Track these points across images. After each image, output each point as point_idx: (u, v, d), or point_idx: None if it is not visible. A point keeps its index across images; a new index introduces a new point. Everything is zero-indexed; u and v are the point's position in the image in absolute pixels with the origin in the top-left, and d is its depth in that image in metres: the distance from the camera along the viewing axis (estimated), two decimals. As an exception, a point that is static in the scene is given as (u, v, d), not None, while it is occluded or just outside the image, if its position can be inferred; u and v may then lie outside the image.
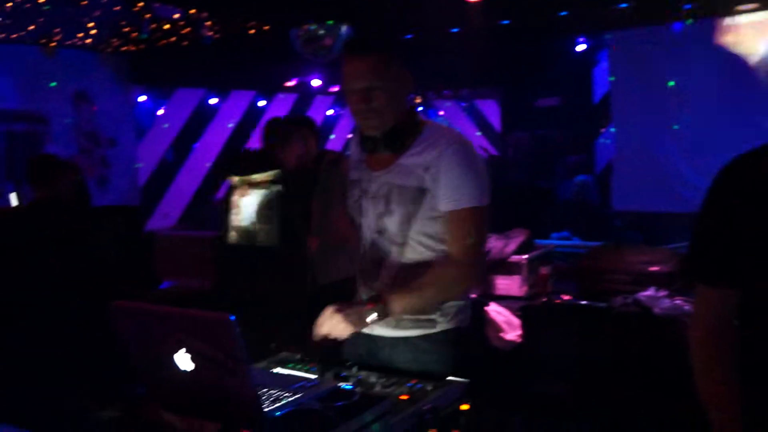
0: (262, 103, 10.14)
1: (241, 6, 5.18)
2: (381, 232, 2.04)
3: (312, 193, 3.48)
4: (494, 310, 3.69)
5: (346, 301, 1.98)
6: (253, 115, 10.05)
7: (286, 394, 1.57)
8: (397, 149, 2.00)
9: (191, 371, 1.46)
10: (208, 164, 9.44)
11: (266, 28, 6.42)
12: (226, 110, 9.73)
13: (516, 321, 3.67)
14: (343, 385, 1.69)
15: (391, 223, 2.00)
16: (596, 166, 8.70)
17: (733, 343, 1.46)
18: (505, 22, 5.57)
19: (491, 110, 10.99)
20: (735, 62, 6.54)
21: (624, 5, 5.17)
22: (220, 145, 9.65)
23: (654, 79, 7.13)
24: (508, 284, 3.90)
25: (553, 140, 9.53)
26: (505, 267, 3.91)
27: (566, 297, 3.80)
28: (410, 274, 2.00)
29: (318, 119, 11.26)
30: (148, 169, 8.73)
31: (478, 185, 1.95)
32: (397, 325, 2.04)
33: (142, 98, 8.61)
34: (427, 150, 1.97)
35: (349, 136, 3.41)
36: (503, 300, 3.84)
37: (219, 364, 1.40)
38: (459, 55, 6.60)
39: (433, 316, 2.02)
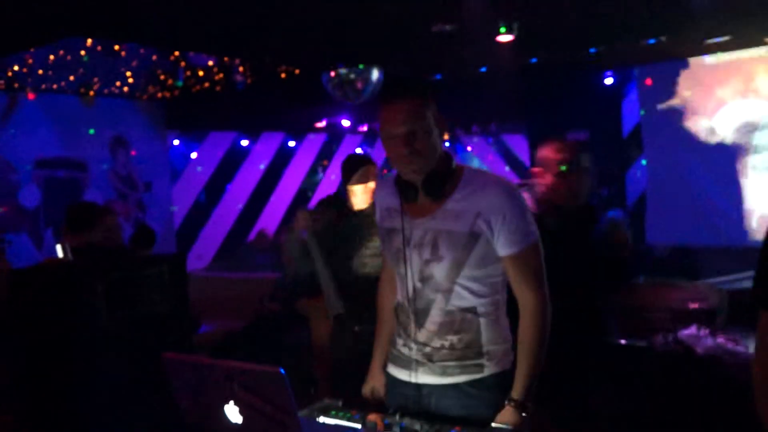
0: (291, 143, 10.32)
1: (274, 51, 5.32)
2: (425, 280, 2.03)
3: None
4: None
5: None
6: (283, 155, 10.22)
7: (334, 445, 1.58)
8: (440, 196, 2.01)
9: (241, 424, 1.48)
10: (240, 205, 9.59)
11: (297, 71, 6.57)
12: (257, 152, 9.91)
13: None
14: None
15: (439, 270, 2.00)
16: (628, 199, 8.64)
17: None
18: (534, 60, 5.63)
19: (520, 145, 11.02)
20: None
21: (652, 41, 5.20)
22: (252, 185, 9.81)
23: (685, 111, 7.12)
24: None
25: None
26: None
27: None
28: (457, 322, 2.01)
29: (347, 158, 11.37)
30: (182, 211, 8.90)
31: (530, 222, 2.01)
32: (444, 372, 2.03)
33: (176, 142, 8.82)
34: (475, 194, 1.98)
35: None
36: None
37: (268, 417, 1.42)
38: (487, 91, 6.67)
39: (480, 361, 2.01)
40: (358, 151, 11.59)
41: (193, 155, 9.09)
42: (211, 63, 6.21)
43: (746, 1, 4.46)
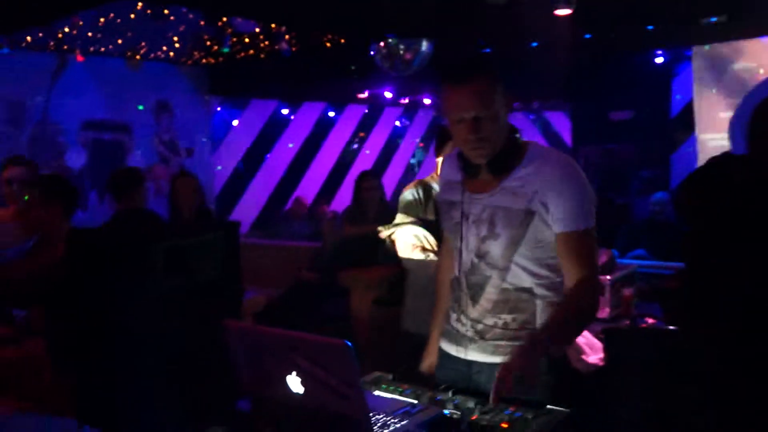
0: (331, 113, 10.30)
1: (323, 20, 5.26)
2: (482, 256, 2.01)
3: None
4: (576, 331, 3.62)
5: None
6: (323, 125, 10.22)
7: (393, 420, 1.58)
8: (501, 173, 1.98)
9: (302, 394, 1.49)
10: (279, 174, 9.64)
11: (342, 41, 6.51)
12: (297, 121, 9.91)
13: (598, 344, 3.59)
14: (446, 412, 1.69)
15: (495, 247, 1.98)
16: (672, 182, 8.47)
17: None
18: (588, 36, 5.49)
19: (561, 123, 10.84)
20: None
21: (713, 19, 5.03)
22: (292, 154, 9.84)
23: (738, 90, 6.94)
24: (590, 305, 3.82)
25: (626, 154, 9.32)
26: (587, 287, 3.82)
27: (651, 320, 3.70)
28: (512, 300, 1.99)
29: (387, 130, 11.34)
30: (222, 177, 8.97)
31: (589, 207, 1.95)
32: (495, 351, 2.02)
33: (218, 109, 8.86)
34: (535, 172, 1.95)
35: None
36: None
37: (332, 389, 1.42)
38: (533, 67, 6.55)
39: (531, 343, 1.99)
40: (398, 123, 11.54)
41: (235, 122, 9.13)
42: (257, 30, 6.19)
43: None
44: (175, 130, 8.17)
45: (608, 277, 3.83)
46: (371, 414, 1.60)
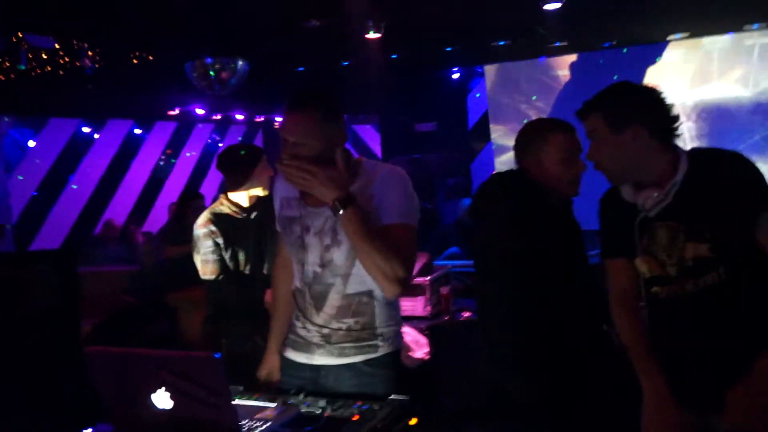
0: (138, 131, 9.93)
1: (137, 39, 5.12)
2: (325, 264, 2.15)
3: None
4: (403, 330, 3.88)
5: None
6: (130, 144, 9.83)
7: (257, 424, 1.68)
8: None
9: (170, 409, 1.54)
10: (86, 196, 9.11)
11: (150, 57, 6.35)
12: (102, 140, 9.43)
13: (423, 340, 3.88)
14: (305, 410, 1.82)
15: (339, 254, 2.12)
16: (473, 188, 9.23)
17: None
18: (394, 56, 5.89)
19: (371, 135, 11.35)
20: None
21: (502, 42, 5.66)
22: (98, 176, 9.34)
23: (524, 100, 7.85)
24: (413, 305, 4.10)
25: (432, 163, 9.99)
26: (410, 289, 4.10)
27: (467, 314, 4.07)
28: (354, 305, 2.15)
29: (199, 146, 11.13)
30: (20, 203, 8.29)
31: (410, 206, 2.13)
32: (341, 353, 2.16)
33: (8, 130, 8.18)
34: (369, 182, 2.12)
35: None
36: (409, 320, 4.03)
37: (200, 401, 1.50)
38: (344, 84, 6.86)
39: (375, 342, 2.17)
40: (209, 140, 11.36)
41: (31, 143, 8.48)
42: (57, 45, 5.85)
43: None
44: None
45: (427, 278, 4.15)
46: (237, 421, 1.69)
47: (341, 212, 2.00)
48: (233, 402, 1.94)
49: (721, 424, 1.89)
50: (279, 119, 11.18)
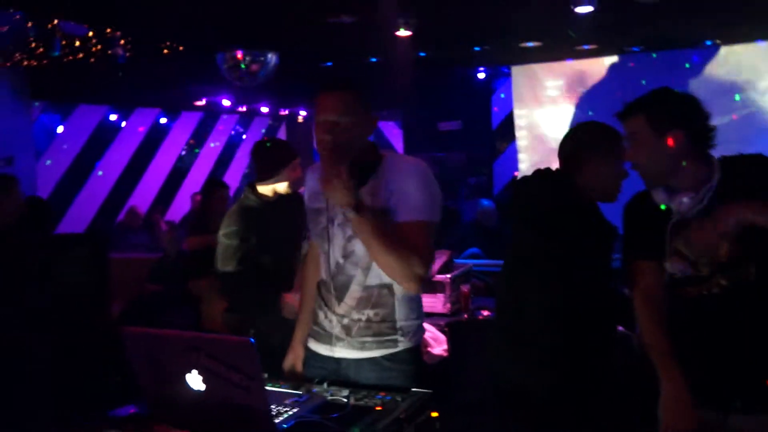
0: (163, 120, 10.03)
1: (169, 29, 5.19)
2: (347, 256, 2.20)
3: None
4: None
5: None
6: (156, 132, 9.93)
7: (285, 409, 1.72)
8: (361, 180, 2.15)
9: (203, 391, 1.59)
10: (110, 183, 9.23)
11: (180, 48, 6.42)
12: (129, 128, 9.55)
13: (442, 337, 3.92)
14: (332, 398, 1.86)
15: (360, 246, 2.15)
16: (495, 187, 9.24)
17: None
18: (422, 54, 5.92)
19: (394, 132, 11.38)
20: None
21: (530, 44, 5.67)
22: (124, 163, 9.46)
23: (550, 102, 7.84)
24: (432, 302, 4.14)
25: (455, 162, 10.01)
26: (430, 286, 4.14)
27: (486, 312, 4.10)
28: (374, 297, 2.18)
29: (223, 138, 11.24)
30: (47, 187, 8.42)
31: (430, 202, 2.15)
32: (362, 347, 2.20)
33: (39, 114, 8.31)
34: (390, 174, 2.16)
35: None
36: (428, 317, 4.07)
37: (233, 384, 1.54)
38: (368, 80, 6.89)
39: (395, 336, 2.20)
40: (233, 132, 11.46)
41: (60, 129, 8.61)
42: (91, 33, 5.93)
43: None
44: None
45: (448, 275, 4.19)
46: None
47: (352, 216, 2.06)
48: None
49: (743, 423, 1.93)
50: (303, 113, 11.25)
